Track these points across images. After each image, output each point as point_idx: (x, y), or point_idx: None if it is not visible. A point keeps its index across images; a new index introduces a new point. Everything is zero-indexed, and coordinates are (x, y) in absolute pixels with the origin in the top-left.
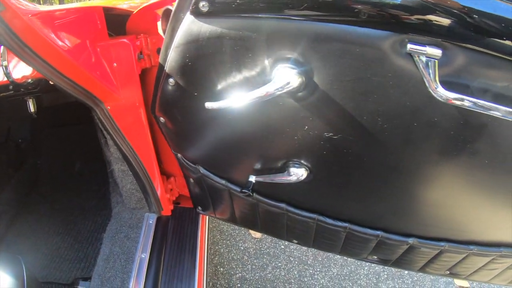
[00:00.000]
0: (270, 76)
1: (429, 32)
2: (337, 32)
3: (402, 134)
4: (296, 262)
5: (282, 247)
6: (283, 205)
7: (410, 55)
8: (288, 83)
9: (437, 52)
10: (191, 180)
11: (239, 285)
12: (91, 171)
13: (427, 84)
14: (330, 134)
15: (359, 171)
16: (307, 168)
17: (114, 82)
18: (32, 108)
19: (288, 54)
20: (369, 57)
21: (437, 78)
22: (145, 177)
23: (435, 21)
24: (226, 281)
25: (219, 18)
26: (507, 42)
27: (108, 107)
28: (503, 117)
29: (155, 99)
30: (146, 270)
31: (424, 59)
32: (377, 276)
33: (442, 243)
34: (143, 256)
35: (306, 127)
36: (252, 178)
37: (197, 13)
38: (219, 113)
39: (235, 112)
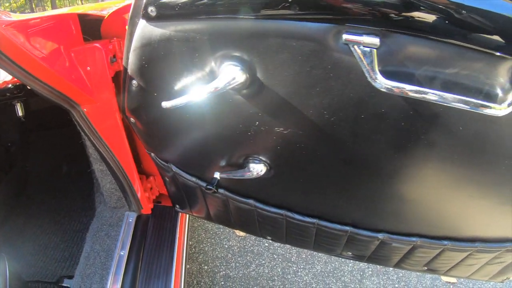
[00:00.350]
0: (218, 74)
1: (365, 21)
2: (273, 27)
3: (351, 127)
4: (279, 260)
5: (266, 244)
6: (251, 201)
7: (348, 46)
8: (234, 78)
9: (374, 40)
10: (167, 178)
11: (222, 283)
12: (78, 172)
13: (366, 74)
14: (281, 129)
15: (316, 166)
16: (266, 164)
17: (88, 85)
18: (20, 112)
19: (230, 52)
20: (306, 50)
21: (376, 68)
22: (123, 177)
23: (371, 9)
24: (210, 279)
25: (166, 22)
26: (452, 27)
27: (84, 109)
28: (452, 105)
29: (124, 100)
30: (124, 267)
31: (362, 49)
32: (361, 273)
33: (414, 238)
34: (122, 253)
35: (257, 122)
36: (217, 175)
37: (147, 18)
38: (179, 112)
39: (192, 110)
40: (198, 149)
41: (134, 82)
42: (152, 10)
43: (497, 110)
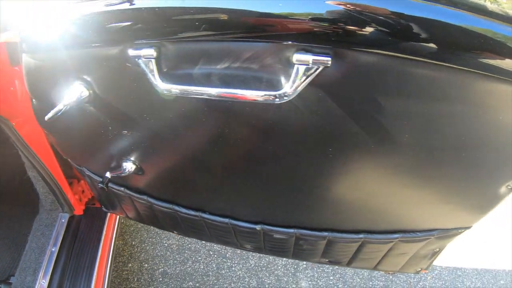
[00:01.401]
0: None
1: (143, 36)
2: (91, 53)
3: (168, 126)
4: (215, 256)
5: (203, 242)
6: (145, 197)
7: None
8: (82, 92)
9: (150, 52)
10: (87, 181)
11: (160, 279)
12: (28, 181)
13: (151, 81)
14: (125, 131)
15: (167, 162)
16: (133, 162)
17: (13, 103)
18: None
19: (76, 74)
20: (113, 67)
21: (156, 74)
22: (52, 182)
23: (141, 26)
24: (149, 276)
25: (35, 54)
26: (205, 24)
27: (13, 123)
28: (218, 99)
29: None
30: (54, 261)
31: (144, 60)
32: (295, 266)
33: (292, 230)
34: (53, 249)
35: (110, 127)
36: (108, 174)
37: (25, 51)
38: (64, 124)
39: (70, 121)
40: (90, 153)
41: (34, 100)
42: (25, 46)
43: (283, 98)
